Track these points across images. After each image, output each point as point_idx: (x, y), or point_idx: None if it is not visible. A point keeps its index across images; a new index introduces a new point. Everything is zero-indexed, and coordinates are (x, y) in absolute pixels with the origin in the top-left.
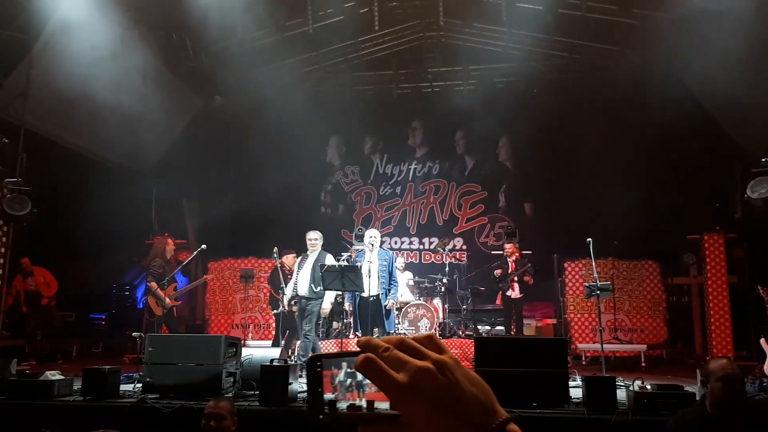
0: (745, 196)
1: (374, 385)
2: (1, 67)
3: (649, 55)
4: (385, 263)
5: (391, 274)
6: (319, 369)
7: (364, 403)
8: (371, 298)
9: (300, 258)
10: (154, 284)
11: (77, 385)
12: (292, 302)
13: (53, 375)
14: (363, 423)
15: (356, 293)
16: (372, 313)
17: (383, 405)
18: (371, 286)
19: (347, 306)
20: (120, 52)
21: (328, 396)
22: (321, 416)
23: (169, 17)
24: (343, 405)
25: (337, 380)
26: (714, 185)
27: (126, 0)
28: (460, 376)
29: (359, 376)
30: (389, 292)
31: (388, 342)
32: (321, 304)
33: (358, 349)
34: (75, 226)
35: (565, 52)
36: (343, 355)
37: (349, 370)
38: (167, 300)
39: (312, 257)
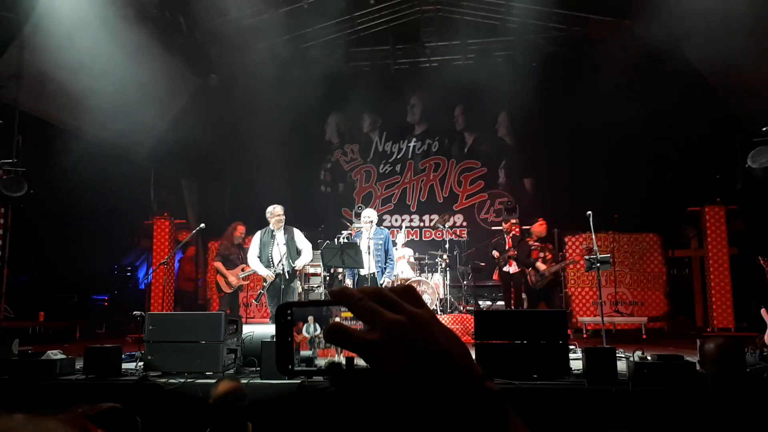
0: (746, 165)
1: (346, 350)
2: None
3: (649, 26)
4: (381, 242)
5: (387, 252)
6: (289, 318)
7: (343, 360)
8: (369, 276)
9: (262, 234)
10: (219, 264)
11: (79, 364)
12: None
13: (55, 354)
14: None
15: (355, 271)
16: None
17: (363, 361)
18: (369, 264)
19: (348, 282)
20: (113, 30)
21: (305, 353)
22: (290, 366)
23: None
24: (321, 362)
25: (308, 334)
26: (714, 156)
27: None
28: (437, 332)
29: None
30: (384, 271)
31: (363, 292)
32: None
33: (330, 298)
34: (72, 208)
35: (563, 24)
36: (315, 304)
37: (322, 326)
38: (232, 278)
39: (280, 233)
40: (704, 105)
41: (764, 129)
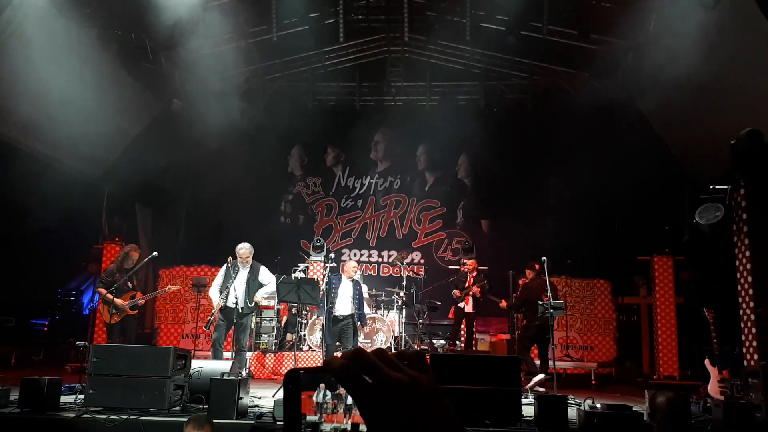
0: (693, 221)
1: (365, 374)
2: None
3: (607, 80)
4: (358, 291)
5: (360, 299)
6: (298, 384)
7: (348, 426)
8: (342, 317)
9: (226, 268)
10: (102, 290)
11: (15, 395)
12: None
13: None
14: None
15: (330, 311)
16: (341, 330)
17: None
18: (344, 307)
19: (320, 320)
20: (76, 50)
21: (311, 418)
22: None
23: (128, 17)
24: (326, 427)
25: (317, 400)
26: (664, 208)
27: None
28: (432, 400)
29: (349, 399)
30: (360, 317)
31: (374, 354)
32: (253, 317)
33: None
34: (20, 229)
35: (525, 72)
36: (323, 370)
37: (333, 392)
38: (120, 301)
39: (245, 269)
40: (656, 158)
41: (711, 187)
